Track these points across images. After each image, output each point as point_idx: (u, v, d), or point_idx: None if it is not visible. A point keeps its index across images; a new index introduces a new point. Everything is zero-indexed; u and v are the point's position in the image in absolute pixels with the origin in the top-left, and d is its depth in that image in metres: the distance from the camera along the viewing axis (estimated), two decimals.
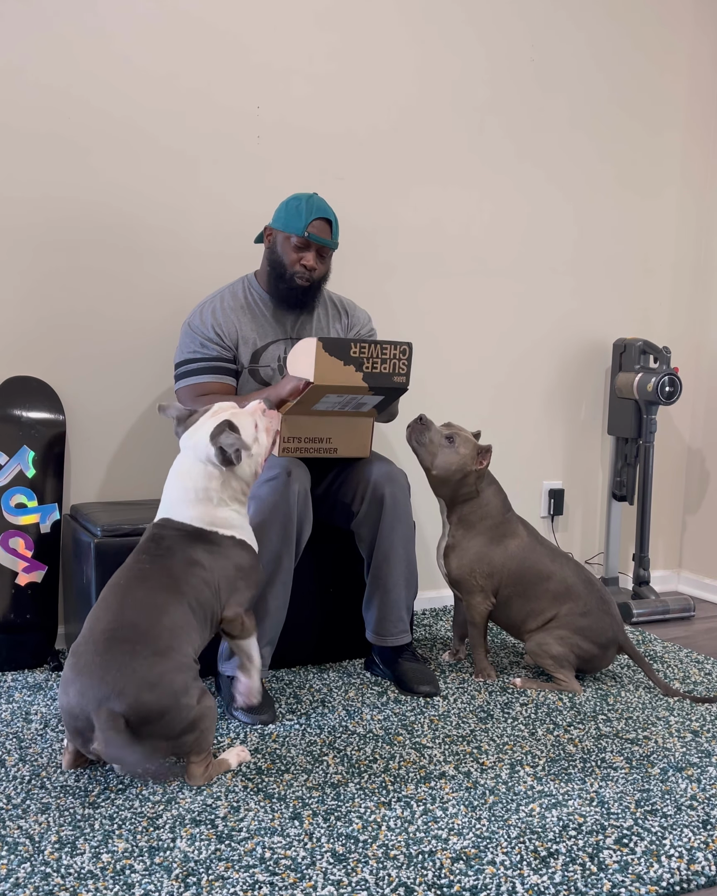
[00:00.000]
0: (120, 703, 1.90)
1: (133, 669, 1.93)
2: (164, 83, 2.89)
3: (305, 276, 2.65)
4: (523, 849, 1.82)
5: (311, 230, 2.61)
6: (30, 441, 2.78)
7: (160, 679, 1.93)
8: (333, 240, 2.66)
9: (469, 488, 2.70)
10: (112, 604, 2.07)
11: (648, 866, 1.78)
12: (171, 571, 2.11)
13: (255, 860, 1.76)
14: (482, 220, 3.41)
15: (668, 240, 3.74)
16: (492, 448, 2.68)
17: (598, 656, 2.68)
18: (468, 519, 2.71)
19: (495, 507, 2.72)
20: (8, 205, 2.77)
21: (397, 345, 2.46)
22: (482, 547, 2.69)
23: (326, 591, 2.81)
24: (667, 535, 3.89)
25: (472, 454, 2.68)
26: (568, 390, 3.65)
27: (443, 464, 2.67)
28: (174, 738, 1.97)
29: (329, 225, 2.64)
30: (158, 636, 2.00)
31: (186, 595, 2.09)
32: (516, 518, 2.76)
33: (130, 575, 2.13)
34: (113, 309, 2.92)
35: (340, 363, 2.40)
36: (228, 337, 2.67)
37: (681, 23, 3.63)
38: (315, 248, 2.64)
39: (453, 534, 2.73)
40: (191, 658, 2.05)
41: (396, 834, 1.87)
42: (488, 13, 3.30)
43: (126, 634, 1.98)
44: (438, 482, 2.70)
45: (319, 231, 2.62)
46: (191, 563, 2.13)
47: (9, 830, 1.85)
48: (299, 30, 3.04)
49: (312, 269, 2.64)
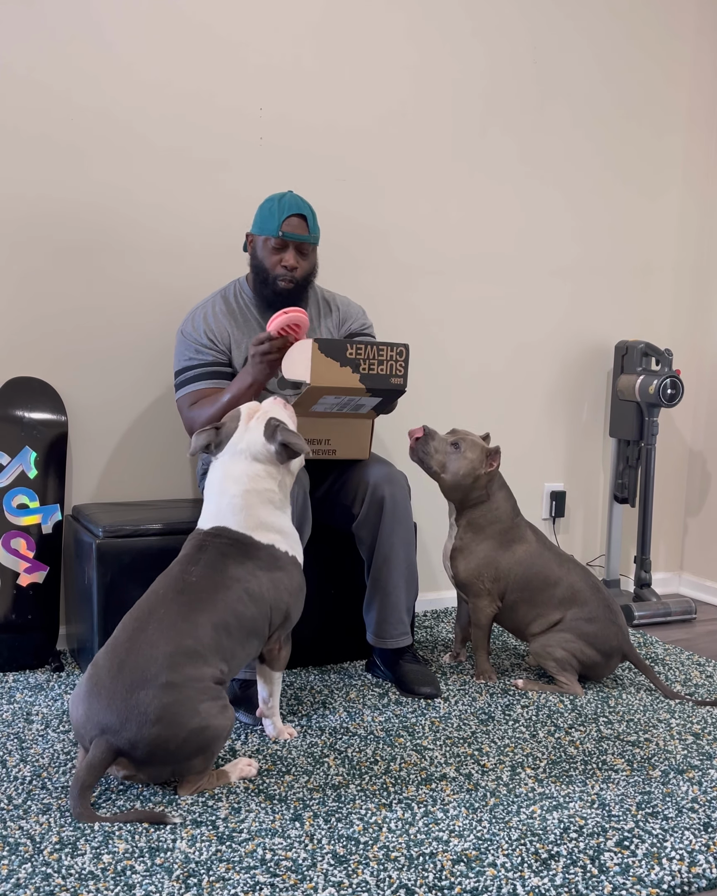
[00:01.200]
0: (119, 738, 1.89)
1: (138, 701, 1.89)
2: (165, 87, 2.90)
3: (287, 278, 2.61)
4: (523, 851, 1.82)
5: (285, 228, 2.58)
6: (32, 442, 2.78)
7: (164, 712, 1.89)
8: (311, 234, 2.62)
9: (480, 492, 2.69)
10: (141, 616, 2.02)
11: (649, 869, 1.77)
12: (214, 585, 2.05)
13: (256, 861, 1.76)
14: (484, 223, 3.41)
15: (669, 242, 3.74)
16: (500, 449, 2.68)
17: (600, 664, 2.68)
18: (477, 522, 2.71)
19: (504, 512, 2.72)
20: (9, 206, 2.77)
21: (393, 346, 2.45)
22: (490, 551, 2.69)
23: (326, 592, 2.81)
24: (668, 537, 3.89)
25: (480, 457, 2.67)
26: (570, 392, 3.65)
27: (452, 470, 2.66)
28: (179, 763, 1.96)
29: (305, 220, 2.60)
30: (175, 665, 1.93)
31: (222, 612, 2.03)
32: (525, 523, 2.75)
33: (169, 585, 2.06)
34: (116, 310, 2.92)
35: (336, 364, 2.39)
36: (220, 342, 2.67)
37: (683, 25, 3.63)
38: (293, 245, 2.59)
39: (461, 536, 2.73)
40: (211, 680, 1.98)
41: (397, 835, 1.87)
42: (490, 14, 3.30)
43: (141, 661, 1.93)
44: (449, 488, 2.69)
45: (294, 228, 2.59)
46: (237, 579, 2.07)
47: (10, 831, 1.85)
48: (301, 32, 3.05)
49: (293, 268, 2.60)
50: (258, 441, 2.15)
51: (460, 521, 2.73)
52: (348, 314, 2.83)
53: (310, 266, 2.67)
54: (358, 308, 2.87)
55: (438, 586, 3.40)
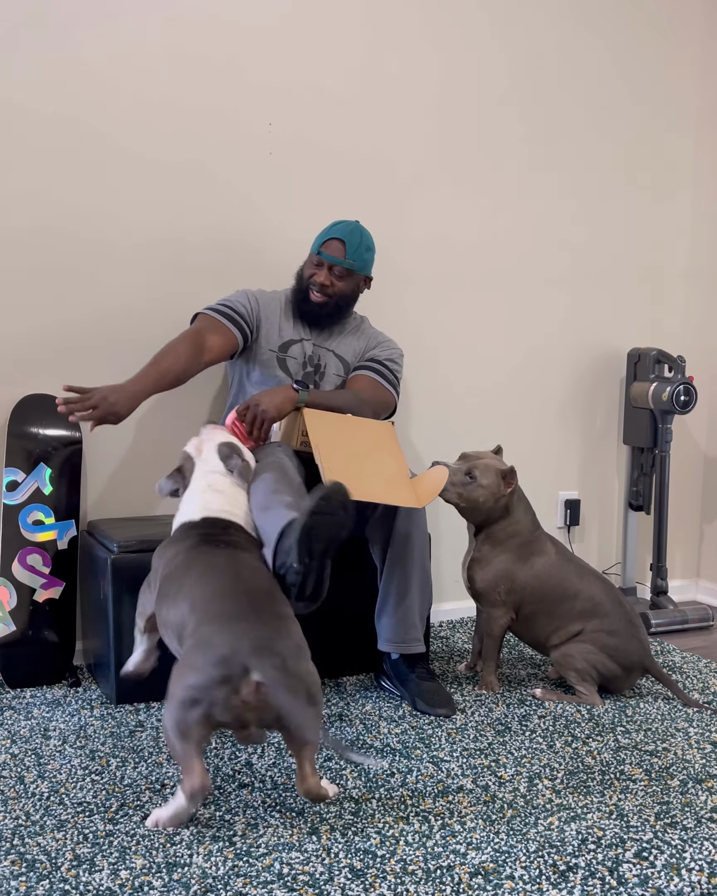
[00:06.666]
0: (273, 655, 1.84)
1: (287, 626, 1.94)
2: (177, 105, 2.92)
3: (318, 290, 2.77)
4: (541, 863, 1.82)
5: (323, 249, 2.76)
6: (47, 458, 2.80)
7: (304, 644, 1.96)
8: (347, 259, 2.74)
9: (500, 512, 2.70)
10: (225, 570, 2.04)
11: (668, 880, 1.76)
12: (249, 549, 2.17)
13: (273, 876, 1.76)
14: (495, 231, 3.41)
15: (681, 248, 3.74)
16: (515, 470, 2.67)
17: (621, 677, 2.67)
18: (497, 536, 2.70)
19: (524, 526, 2.71)
20: (28, 224, 2.80)
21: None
22: (508, 563, 2.68)
23: (340, 604, 2.80)
24: (684, 544, 3.88)
25: (496, 481, 2.66)
26: (583, 400, 3.64)
27: (471, 500, 2.66)
28: (307, 704, 1.86)
29: (343, 245, 2.74)
30: (284, 600, 2.04)
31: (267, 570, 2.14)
32: (545, 536, 2.75)
33: (207, 554, 2.11)
34: (129, 326, 2.94)
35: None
36: (259, 309, 2.83)
37: (692, 25, 3.63)
38: (327, 265, 2.75)
39: (479, 548, 2.72)
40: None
41: (414, 849, 1.86)
42: (495, 34, 3.32)
43: (261, 595, 1.99)
44: (469, 514, 2.71)
45: (332, 251, 2.75)
46: (257, 546, 2.22)
47: (27, 847, 1.85)
48: (312, 49, 3.07)
49: (324, 285, 2.76)
50: (219, 468, 2.33)
51: (480, 535, 2.73)
52: (378, 342, 2.94)
53: (346, 290, 2.81)
54: (388, 339, 2.97)
55: (456, 595, 3.39)
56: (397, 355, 2.92)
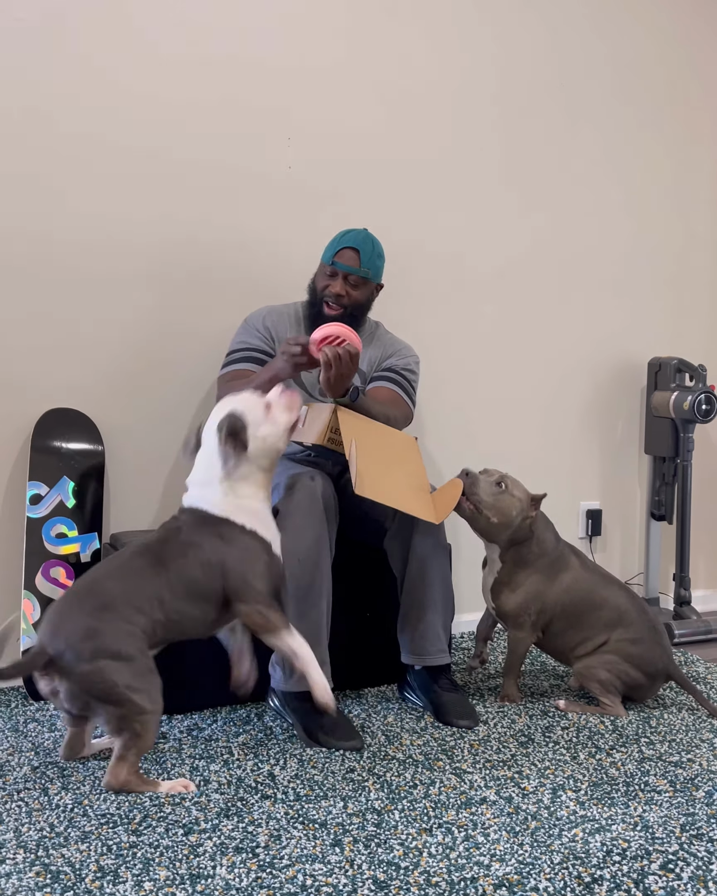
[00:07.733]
0: (58, 643, 2.07)
1: (73, 621, 2.09)
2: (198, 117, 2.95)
3: (334, 301, 2.74)
4: (566, 875, 1.80)
5: (337, 259, 2.72)
6: (69, 472, 2.82)
7: (94, 633, 2.07)
8: (362, 268, 2.72)
9: (525, 532, 2.66)
10: (100, 567, 2.25)
11: (694, 892, 1.75)
12: (166, 548, 2.21)
13: (296, 888, 1.76)
14: (514, 242, 3.42)
15: (701, 257, 3.73)
16: (543, 496, 2.66)
17: (645, 686, 2.65)
18: (525, 559, 2.66)
19: (549, 544, 2.68)
20: (49, 241, 2.83)
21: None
22: (538, 584, 2.65)
23: (361, 615, 2.80)
24: (708, 553, 3.85)
25: (526, 495, 2.65)
26: (604, 410, 3.63)
27: (503, 509, 2.62)
28: (95, 698, 2.07)
29: (358, 254, 2.71)
30: (113, 595, 2.12)
31: (170, 570, 2.17)
32: (567, 548, 2.72)
33: (132, 549, 2.24)
34: (151, 340, 2.96)
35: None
36: (273, 332, 2.80)
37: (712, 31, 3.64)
38: (342, 275, 2.72)
39: (506, 571, 2.69)
40: (140, 628, 2.11)
41: (437, 860, 1.86)
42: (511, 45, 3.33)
43: (84, 588, 2.16)
44: (498, 529, 2.65)
45: (346, 260, 2.71)
46: (190, 545, 2.20)
47: (52, 859, 1.86)
48: (331, 60, 3.10)
49: (339, 295, 2.73)
50: (212, 430, 2.26)
51: (505, 557, 2.68)
52: (395, 350, 2.90)
53: (361, 299, 2.78)
54: (404, 344, 2.93)
55: (474, 607, 3.38)
56: (414, 362, 2.91)
